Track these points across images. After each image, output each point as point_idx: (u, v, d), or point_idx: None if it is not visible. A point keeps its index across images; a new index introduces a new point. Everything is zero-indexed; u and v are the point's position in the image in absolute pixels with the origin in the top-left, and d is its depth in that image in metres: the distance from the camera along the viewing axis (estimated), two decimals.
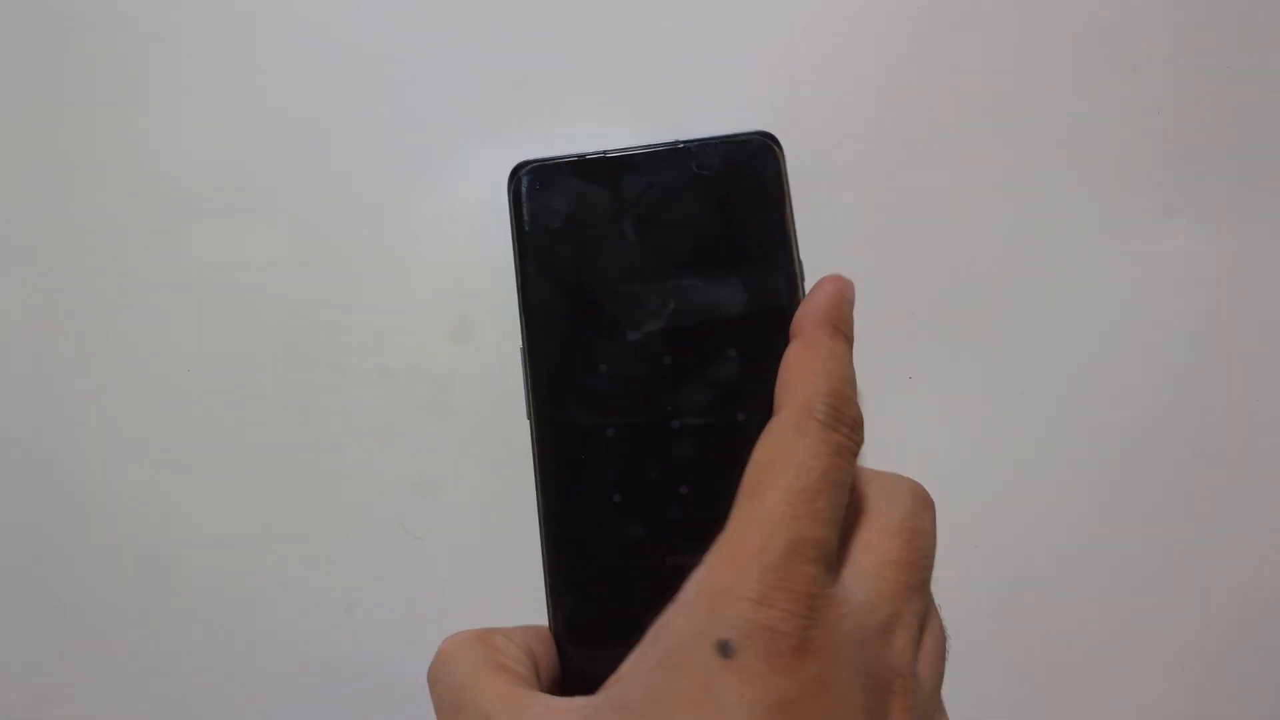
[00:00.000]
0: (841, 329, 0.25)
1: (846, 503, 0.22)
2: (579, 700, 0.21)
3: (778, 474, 0.22)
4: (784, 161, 0.30)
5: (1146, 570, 0.34)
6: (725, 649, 0.19)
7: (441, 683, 0.23)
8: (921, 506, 0.24)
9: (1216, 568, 0.34)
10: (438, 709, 0.23)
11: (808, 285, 0.33)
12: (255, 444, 0.35)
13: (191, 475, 0.35)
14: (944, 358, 0.35)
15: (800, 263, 0.30)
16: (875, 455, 0.34)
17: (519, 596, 0.29)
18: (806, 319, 0.26)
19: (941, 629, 0.24)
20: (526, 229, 0.31)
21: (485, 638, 0.24)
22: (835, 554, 0.21)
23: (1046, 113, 0.36)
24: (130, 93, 0.37)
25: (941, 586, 0.34)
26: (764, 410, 0.27)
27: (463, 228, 0.36)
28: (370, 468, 0.34)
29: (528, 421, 0.29)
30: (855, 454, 0.23)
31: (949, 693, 0.24)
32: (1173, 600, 0.33)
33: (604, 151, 0.31)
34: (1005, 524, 0.34)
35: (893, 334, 0.35)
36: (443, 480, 0.34)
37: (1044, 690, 0.33)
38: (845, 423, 0.23)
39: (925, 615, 0.23)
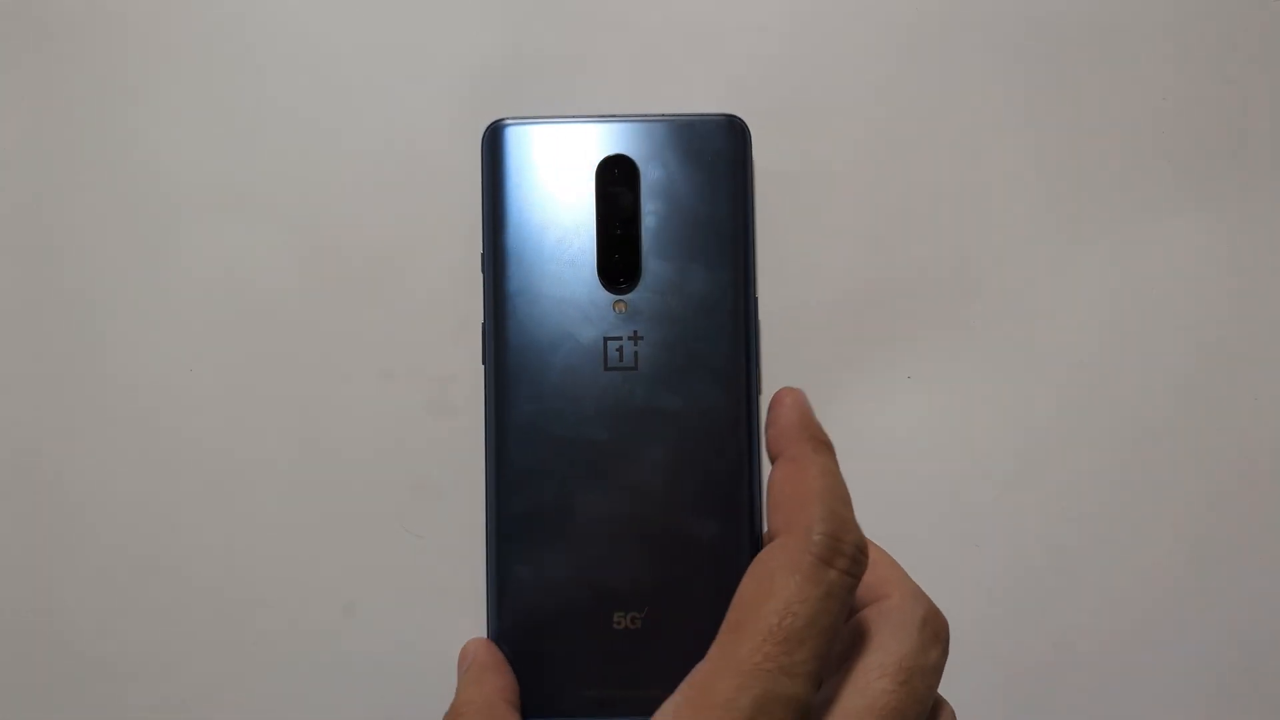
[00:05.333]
0: (821, 439, 0.24)
1: (834, 648, 0.21)
2: None
3: (761, 616, 0.21)
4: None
5: (1148, 570, 0.34)
6: None
7: None
8: (929, 640, 0.22)
9: (1219, 566, 0.33)
10: None
11: (761, 280, 0.33)
12: (255, 444, 0.35)
13: (191, 475, 0.35)
14: (944, 358, 0.35)
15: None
16: (876, 455, 0.34)
17: None
18: (784, 438, 0.25)
19: None
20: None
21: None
22: (809, 710, 0.20)
23: (1048, 111, 0.36)
24: (130, 92, 0.37)
25: (942, 587, 0.34)
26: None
27: (463, 227, 0.36)
28: (370, 468, 0.34)
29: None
30: (852, 590, 0.21)
31: (949, 692, 0.23)
32: (1174, 599, 0.33)
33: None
34: (1006, 524, 0.34)
35: (893, 334, 0.35)
36: (443, 480, 0.34)
37: (1044, 690, 0.33)
38: (845, 554, 0.21)
39: None
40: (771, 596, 0.21)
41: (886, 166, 0.35)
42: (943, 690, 0.23)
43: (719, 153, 0.31)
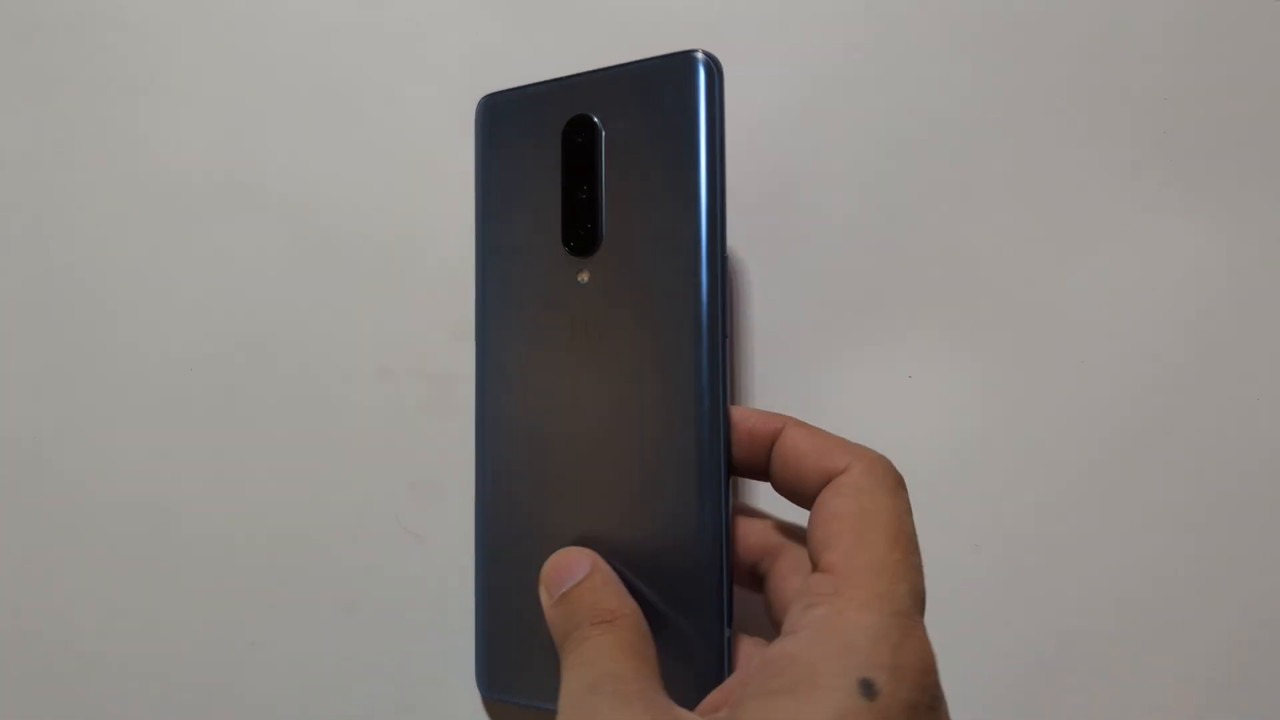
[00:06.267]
0: None
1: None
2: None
3: (878, 524, 0.23)
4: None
5: (1148, 570, 0.34)
6: (869, 689, 0.20)
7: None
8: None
9: (1218, 565, 0.34)
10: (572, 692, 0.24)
11: (761, 279, 0.32)
12: (254, 443, 0.35)
13: (190, 475, 0.35)
14: (944, 357, 0.35)
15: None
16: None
17: None
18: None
19: None
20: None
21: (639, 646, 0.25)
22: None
23: (1048, 111, 0.36)
24: (130, 91, 0.37)
25: (943, 588, 0.35)
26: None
27: (463, 226, 0.36)
28: (370, 468, 0.34)
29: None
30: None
31: (950, 692, 0.23)
32: (1174, 599, 0.33)
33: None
34: (1006, 524, 0.34)
35: (893, 333, 0.35)
36: (443, 480, 0.34)
37: (1045, 690, 0.33)
38: (904, 484, 0.25)
39: None
40: (879, 508, 0.23)
41: (886, 166, 0.35)
42: (943, 690, 0.23)
43: (680, 93, 0.28)
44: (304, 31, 0.37)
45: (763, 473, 0.27)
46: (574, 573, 0.26)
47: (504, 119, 0.31)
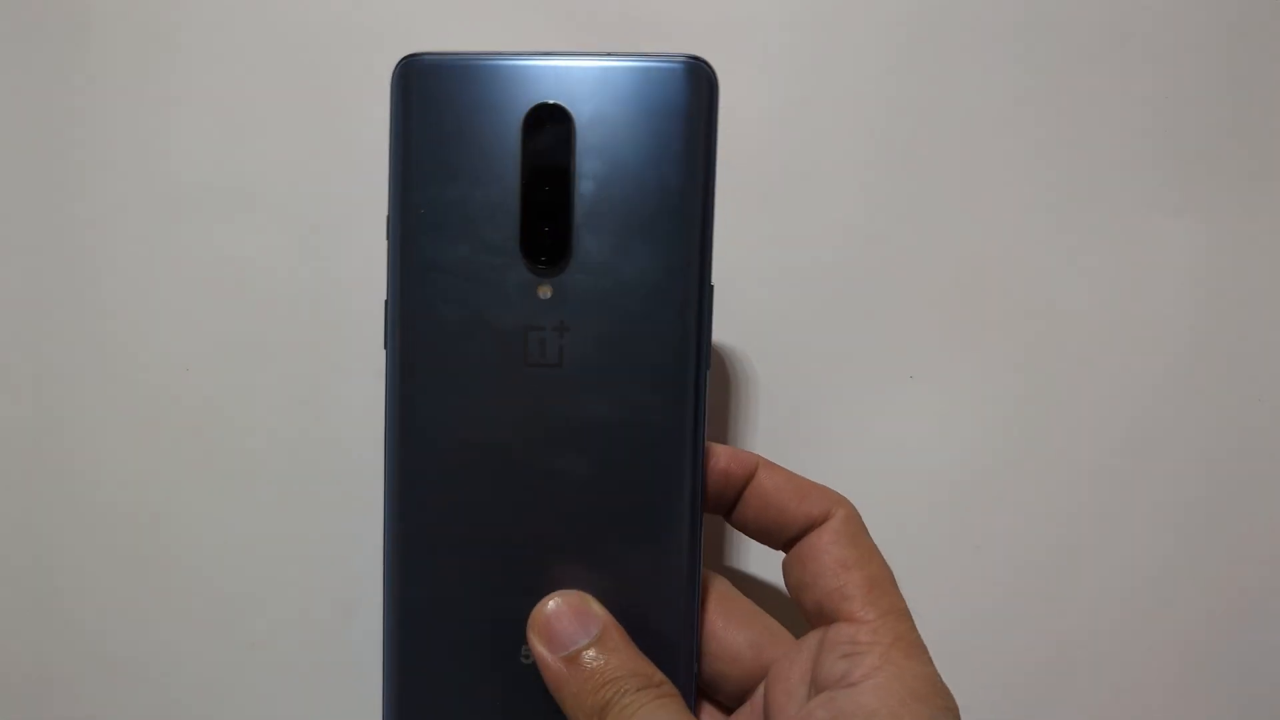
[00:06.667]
0: None
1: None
2: None
3: (880, 571, 0.25)
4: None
5: (1149, 570, 0.33)
6: None
7: None
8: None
9: (1220, 566, 0.33)
10: None
11: (761, 279, 0.30)
12: (253, 443, 0.35)
13: (189, 475, 0.34)
14: (944, 357, 0.35)
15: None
16: (876, 455, 0.34)
17: None
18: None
19: None
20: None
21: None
22: None
23: (1048, 110, 0.36)
24: (129, 91, 0.37)
25: (942, 588, 0.34)
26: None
27: None
28: (370, 468, 0.34)
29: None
30: None
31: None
32: (1175, 599, 0.33)
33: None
34: (1007, 524, 0.34)
35: (893, 333, 0.35)
36: None
37: (1046, 690, 0.33)
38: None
39: None
40: (873, 554, 0.25)
41: (886, 165, 0.35)
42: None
43: (676, 104, 0.25)
44: (303, 30, 0.37)
45: (724, 510, 0.27)
46: (586, 626, 0.24)
47: (438, 91, 0.25)
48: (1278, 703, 0.33)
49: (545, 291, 0.25)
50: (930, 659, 0.24)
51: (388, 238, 0.25)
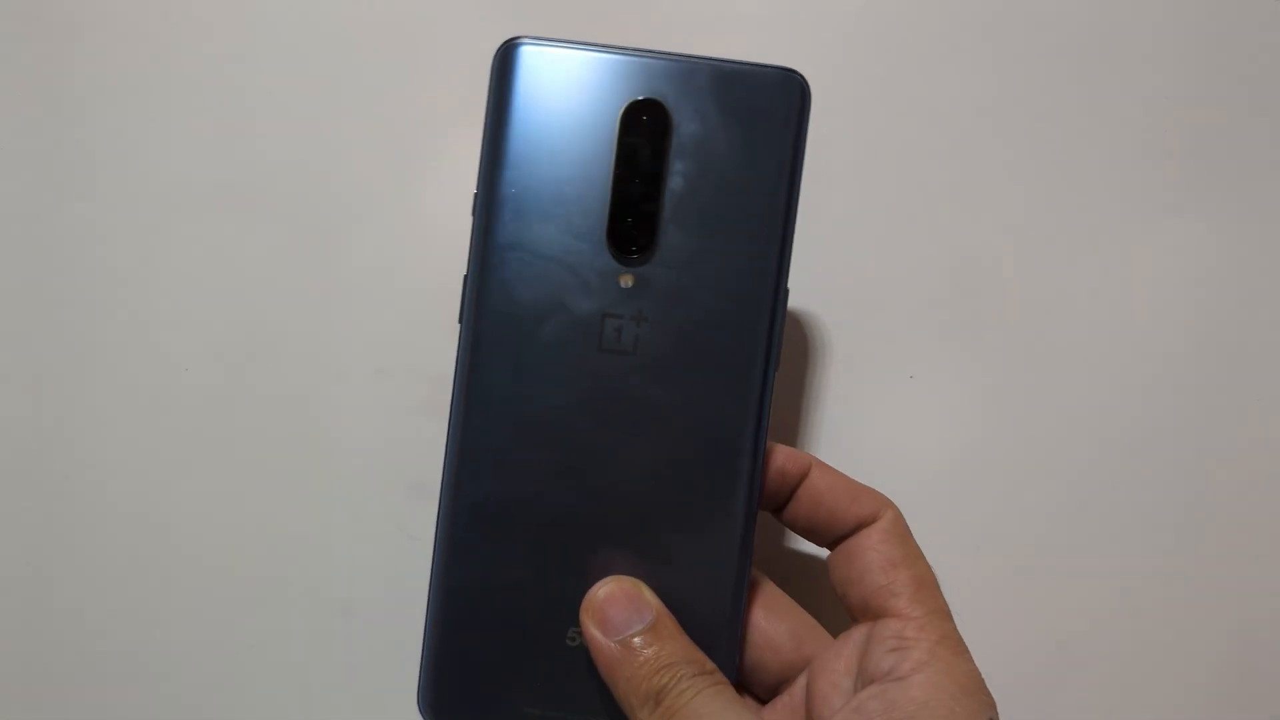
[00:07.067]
0: None
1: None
2: None
3: (925, 571, 0.26)
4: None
5: (1149, 570, 0.33)
6: None
7: None
8: None
9: (1221, 566, 0.33)
10: None
11: (795, 264, 0.30)
12: (252, 444, 0.35)
13: (187, 475, 0.34)
14: (944, 357, 0.35)
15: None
16: (877, 455, 0.34)
17: None
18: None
19: None
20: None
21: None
22: None
23: (1047, 110, 0.36)
24: (126, 91, 0.37)
25: (943, 589, 0.34)
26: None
27: (463, 225, 0.36)
28: (368, 468, 0.34)
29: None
30: None
31: None
32: (1175, 599, 0.33)
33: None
34: (1007, 524, 0.34)
35: (893, 333, 0.35)
36: (439, 480, 0.34)
37: (1046, 690, 0.33)
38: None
39: None
40: (918, 554, 0.26)
41: (887, 166, 0.35)
42: None
43: (770, 111, 0.26)
44: (300, 28, 0.37)
45: (774, 507, 0.28)
46: (640, 613, 0.25)
47: (538, 76, 0.26)
48: (1276, 699, 0.33)
49: (627, 281, 0.25)
50: (973, 659, 0.24)
51: (473, 215, 0.26)
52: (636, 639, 0.24)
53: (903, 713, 0.23)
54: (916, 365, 0.35)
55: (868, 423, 0.34)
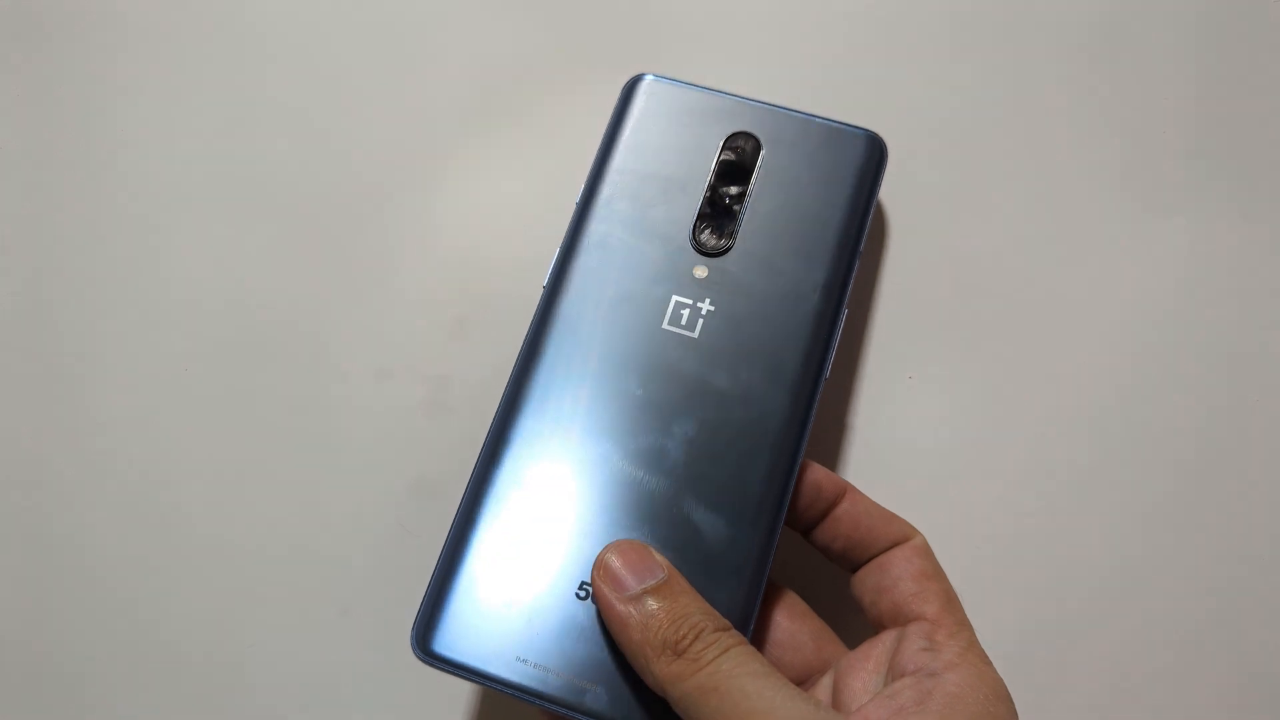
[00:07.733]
0: None
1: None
2: None
3: (949, 586, 0.27)
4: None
5: (1149, 569, 0.33)
6: None
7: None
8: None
9: (1221, 565, 0.33)
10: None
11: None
12: (252, 443, 0.35)
13: (187, 474, 0.34)
14: (944, 357, 0.35)
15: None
16: (877, 455, 0.34)
17: None
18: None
19: None
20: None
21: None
22: None
23: (1047, 111, 0.36)
24: (125, 90, 0.37)
25: None
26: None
27: (462, 226, 0.36)
28: (368, 468, 0.34)
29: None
30: None
31: None
32: (1176, 599, 0.33)
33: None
34: (1007, 525, 0.34)
35: (893, 334, 0.35)
36: (441, 480, 0.34)
37: (1047, 690, 0.33)
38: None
39: None
40: (941, 572, 0.27)
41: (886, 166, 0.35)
42: None
43: (847, 163, 0.30)
44: (301, 26, 0.37)
45: (805, 526, 0.28)
46: (652, 570, 0.25)
47: (659, 106, 0.31)
48: (1267, 694, 0.33)
49: (701, 271, 0.28)
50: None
51: (578, 203, 0.29)
52: (649, 597, 0.24)
53: (939, 701, 0.23)
54: (916, 366, 0.35)
55: (867, 423, 0.34)
